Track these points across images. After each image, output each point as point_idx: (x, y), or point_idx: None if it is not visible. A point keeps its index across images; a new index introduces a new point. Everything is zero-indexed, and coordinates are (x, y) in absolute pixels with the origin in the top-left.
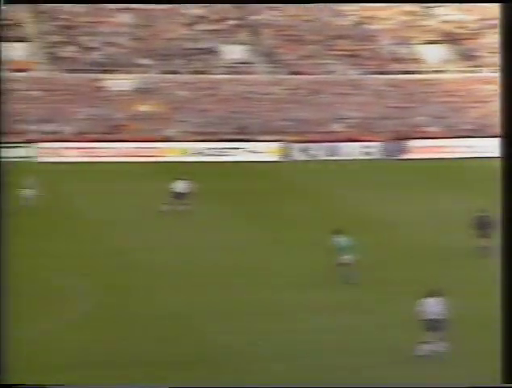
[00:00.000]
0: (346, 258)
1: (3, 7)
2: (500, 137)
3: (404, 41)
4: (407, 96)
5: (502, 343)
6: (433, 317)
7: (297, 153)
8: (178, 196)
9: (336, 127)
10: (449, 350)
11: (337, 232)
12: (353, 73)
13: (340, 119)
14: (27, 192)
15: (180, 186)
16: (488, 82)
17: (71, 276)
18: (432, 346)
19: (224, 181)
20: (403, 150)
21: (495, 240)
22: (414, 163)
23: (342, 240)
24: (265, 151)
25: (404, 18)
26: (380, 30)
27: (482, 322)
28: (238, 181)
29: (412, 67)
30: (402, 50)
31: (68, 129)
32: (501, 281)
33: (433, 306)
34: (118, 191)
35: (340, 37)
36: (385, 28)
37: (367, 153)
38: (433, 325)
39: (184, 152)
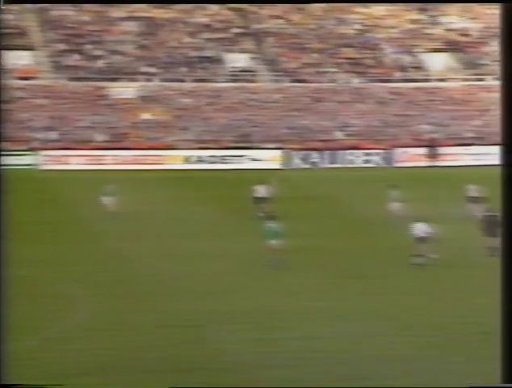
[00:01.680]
0: (276, 243)
1: (3, 7)
2: (501, 143)
3: (409, 49)
4: (410, 104)
5: (502, 344)
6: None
7: (299, 160)
8: (260, 200)
9: (338, 135)
10: None
11: (270, 218)
12: (356, 82)
13: (342, 127)
14: (107, 199)
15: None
16: (491, 90)
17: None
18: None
19: (224, 188)
20: (404, 158)
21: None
22: (415, 171)
23: (273, 226)
24: (267, 159)
25: (409, 26)
26: (384, 38)
27: None
28: (239, 188)
29: (415, 75)
30: (406, 58)
31: (72, 137)
32: (501, 283)
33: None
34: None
35: (344, 45)
36: (389, 37)
37: (369, 161)
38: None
39: (187, 160)
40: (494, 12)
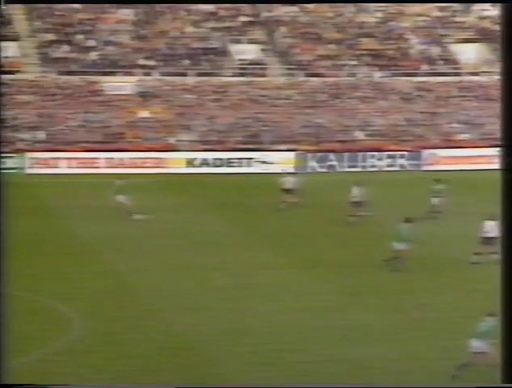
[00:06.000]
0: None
1: (3, 7)
2: (500, 146)
3: (437, 40)
4: (438, 101)
5: (502, 343)
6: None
7: (314, 163)
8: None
9: (358, 135)
10: None
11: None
12: (378, 76)
13: (363, 126)
14: (121, 198)
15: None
16: None
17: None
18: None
19: (232, 195)
20: (431, 161)
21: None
22: (442, 175)
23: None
24: (278, 162)
25: (437, 14)
26: (410, 28)
27: None
28: (247, 195)
29: (445, 68)
30: (434, 50)
31: (61, 137)
32: (501, 284)
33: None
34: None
35: (364, 35)
36: (415, 26)
37: (393, 164)
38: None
39: (190, 163)
40: None
